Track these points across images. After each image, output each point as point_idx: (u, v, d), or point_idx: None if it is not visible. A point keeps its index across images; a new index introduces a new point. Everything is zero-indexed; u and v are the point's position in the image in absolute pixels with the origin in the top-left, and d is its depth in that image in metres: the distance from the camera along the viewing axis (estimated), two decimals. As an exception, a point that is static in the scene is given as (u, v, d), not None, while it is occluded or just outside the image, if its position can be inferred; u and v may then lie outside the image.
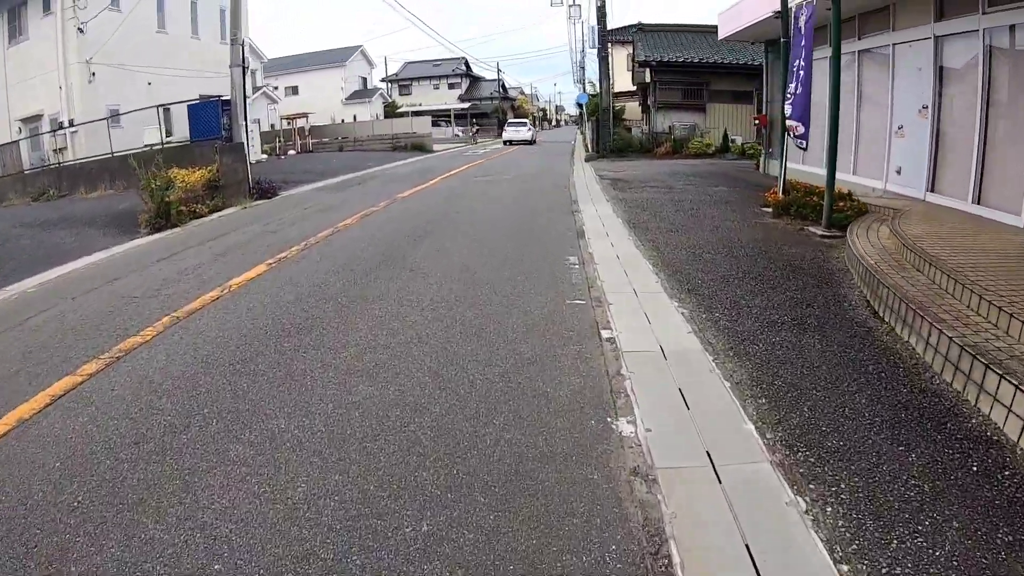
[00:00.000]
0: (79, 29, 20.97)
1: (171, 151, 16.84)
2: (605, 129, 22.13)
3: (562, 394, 3.43)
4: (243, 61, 15.20)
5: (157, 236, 10.13)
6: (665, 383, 3.58)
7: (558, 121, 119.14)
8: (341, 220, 9.67)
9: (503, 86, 76.81)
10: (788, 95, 9.07)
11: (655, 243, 7.28)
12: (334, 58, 50.97)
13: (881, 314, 4.73)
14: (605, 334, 4.32)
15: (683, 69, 23.67)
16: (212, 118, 15.54)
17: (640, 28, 26.70)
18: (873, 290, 5.04)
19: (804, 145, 8.92)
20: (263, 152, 31.31)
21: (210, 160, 14.43)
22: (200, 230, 10.25)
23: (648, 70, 24.19)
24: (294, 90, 51.75)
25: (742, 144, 23.02)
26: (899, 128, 10.35)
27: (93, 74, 21.68)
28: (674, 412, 3.26)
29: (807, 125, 8.79)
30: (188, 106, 16.43)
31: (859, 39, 11.54)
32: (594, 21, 21.70)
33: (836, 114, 8.06)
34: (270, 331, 4.60)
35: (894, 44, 10.43)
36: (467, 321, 4.63)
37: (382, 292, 5.50)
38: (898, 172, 10.39)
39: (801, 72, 8.71)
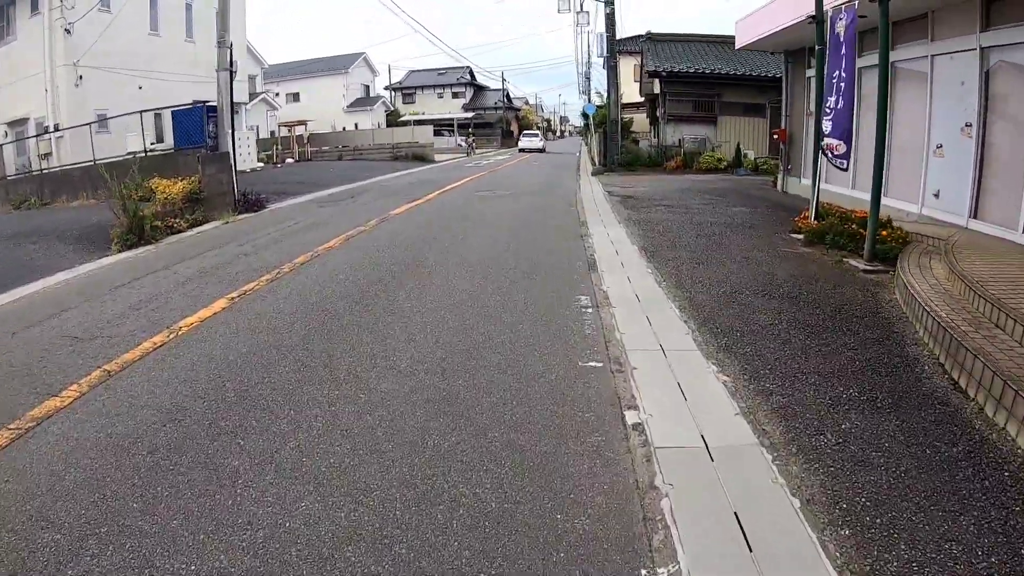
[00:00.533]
0: (66, 30, 20.15)
1: (154, 160, 15.99)
2: (613, 142, 21.23)
3: (578, 527, 2.47)
4: (230, 65, 14.33)
5: (126, 255, 9.33)
6: (715, 502, 2.63)
7: (562, 132, 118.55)
8: (324, 242, 8.74)
9: (508, 96, 76.22)
10: (826, 110, 8.13)
11: (678, 278, 6.33)
12: (336, 65, 50.27)
13: (964, 387, 3.78)
14: (631, 417, 3.36)
15: (694, 80, 22.80)
16: (196, 125, 14.65)
17: (649, 37, 25.86)
18: (950, 353, 4.08)
19: (845, 166, 7.98)
20: (259, 160, 30.50)
21: (194, 170, 13.54)
22: (172, 249, 9.37)
23: (657, 81, 23.31)
24: (295, 97, 51.08)
25: (755, 159, 22.13)
26: (938, 147, 9.45)
27: (80, 77, 20.84)
28: (731, 555, 2.31)
29: (849, 144, 7.86)
30: (172, 112, 15.58)
31: (892, 49, 10.71)
32: (602, 29, 20.86)
33: (883, 131, 7.15)
34: (207, 403, 3.66)
35: (932, 56, 9.58)
36: (453, 396, 3.68)
37: (352, 346, 4.56)
38: (936, 196, 9.48)
39: (842, 84, 7.78)
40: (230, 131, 14.42)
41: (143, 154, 16.57)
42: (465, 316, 5.11)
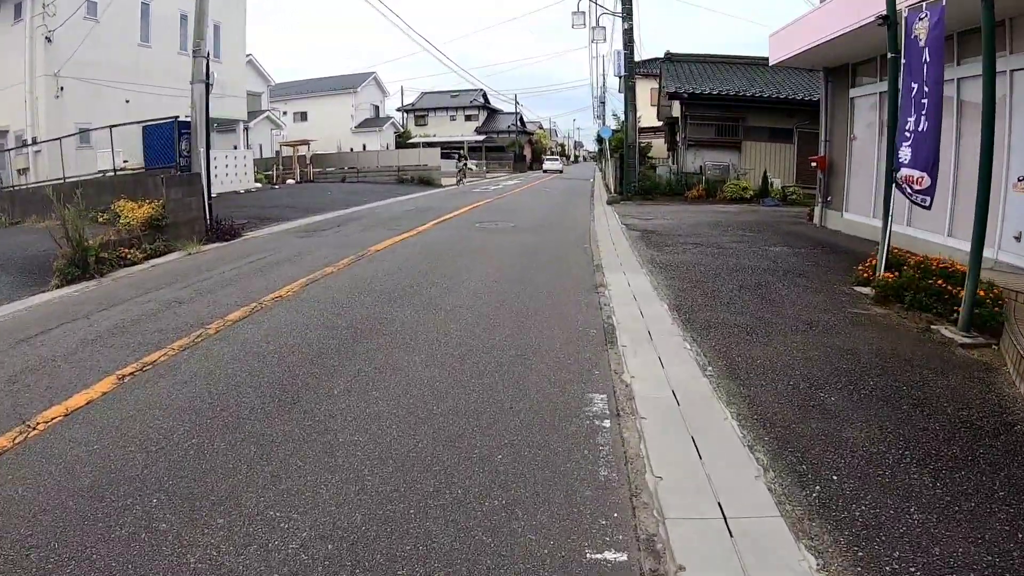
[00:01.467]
0: (46, 38, 18.85)
1: (124, 180, 14.49)
2: (630, 168, 19.59)
3: None
4: (207, 76, 12.83)
5: (61, 293, 8.08)
6: None
7: (576, 157, 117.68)
8: (277, 287, 7.12)
9: (521, 120, 75.22)
10: (906, 134, 6.44)
11: (728, 359, 4.61)
12: (345, 84, 49.23)
13: None
14: None
15: (717, 103, 21.20)
16: (167, 143, 13.14)
17: (668, 58, 24.34)
18: None
19: (928, 203, 6.26)
20: (257, 181, 29.19)
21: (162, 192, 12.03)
22: (110, 288, 7.99)
23: (677, 103, 21.73)
24: (303, 116, 50.05)
25: (782, 188, 20.43)
26: (1020, 180, 7.77)
27: (62, 88, 19.53)
28: None
29: (934, 177, 6.13)
30: (143, 128, 14.07)
31: (958, 64, 9.17)
32: (619, 46, 19.27)
33: (988, 158, 5.44)
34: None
35: (1012, 71, 7.96)
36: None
37: (242, 485, 2.87)
38: (1017, 239, 7.77)
39: (924, 100, 6.08)
40: (204, 149, 12.87)
41: (112, 173, 15.12)
42: (418, 437, 3.40)
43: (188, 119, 12.98)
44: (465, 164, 34.67)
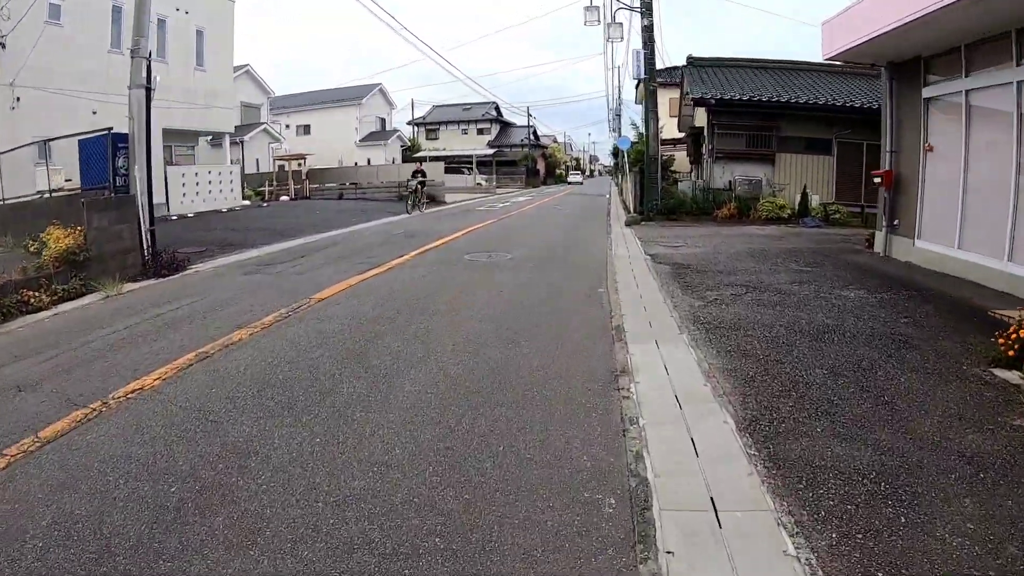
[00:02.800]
0: (0, 44, 16.89)
1: (59, 202, 12.41)
2: (651, 184, 17.22)
3: None
4: (148, 81, 10.72)
5: None
6: None
7: (592, 171, 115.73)
8: (146, 371, 4.86)
9: (535, 133, 73.27)
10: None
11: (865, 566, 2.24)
12: (349, 96, 47.45)
13: None
14: None
15: (747, 110, 18.86)
16: (103, 159, 11.02)
17: (691, 62, 22.05)
18: None
19: None
20: (245, 198, 27.24)
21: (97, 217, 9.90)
22: None
23: (703, 111, 19.41)
24: (305, 129, 48.34)
25: (823, 206, 18.01)
26: None
27: (18, 99, 17.56)
28: None
29: None
30: (79, 142, 11.97)
31: (1018, 64, 7.45)
32: (638, 45, 16.96)
33: None
34: None
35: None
36: None
37: None
38: None
39: None
40: (145, 166, 10.73)
41: (48, 194, 13.06)
42: None
43: (127, 132, 10.88)
44: (421, 182, 23.23)
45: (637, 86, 45.12)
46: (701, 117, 21.85)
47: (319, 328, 6.05)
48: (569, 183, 71.47)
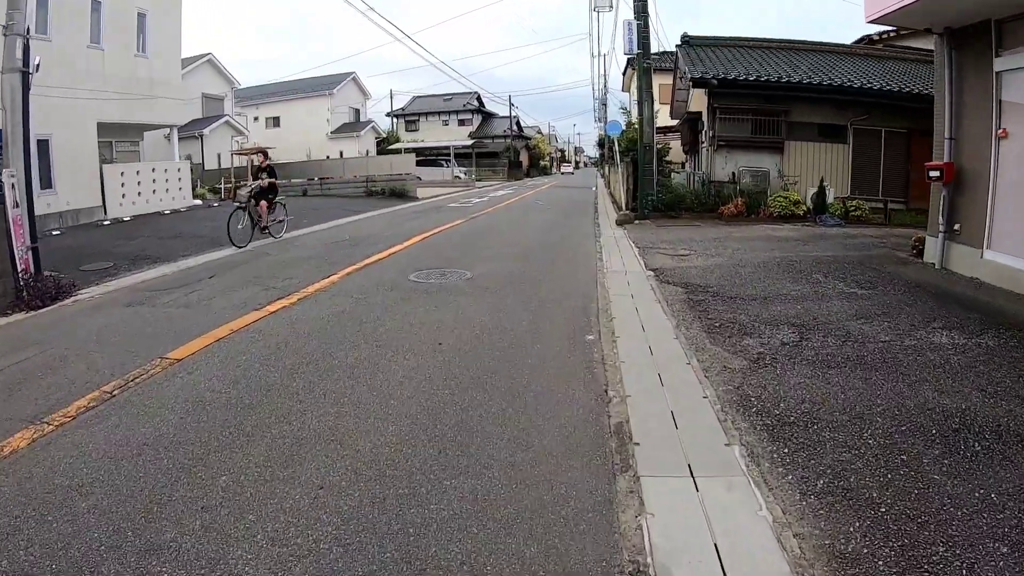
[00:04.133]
0: None
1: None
2: (646, 176, 14.81)
3: None
4: (24, 63, 8.24)
5: None
6: None
7: (577, 163, 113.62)
8: None
9: (518, 124, 70.77)
10: None
11: None
12: (320, 86, 44.61)
13: None
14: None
15: (753, 91, 16.53)
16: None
17: (686, 41, 19.64)
18: None
19: None
20: (197, 197, 24.70)
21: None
22: None
23: (700, 96, 17.04)
24: (275, 121, 45.52)
25: (841, 201, 15.74)
26: None
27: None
28: None
29: None
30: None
31: None
32: (630, 15, 14.44)
33: None
34: None
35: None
36: None
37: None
38: None
39: None
40: (23, 168, 8.21)
41: None
42: None
43: None
44: (260, 190, 12.62)
45: (624, 71, 42.67)
46: (698, 101, 19.52)
47: (131, 433, 3.62)
48: (562, 174, 76.08)
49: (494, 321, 5.72)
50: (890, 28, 24.05)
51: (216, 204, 23.43)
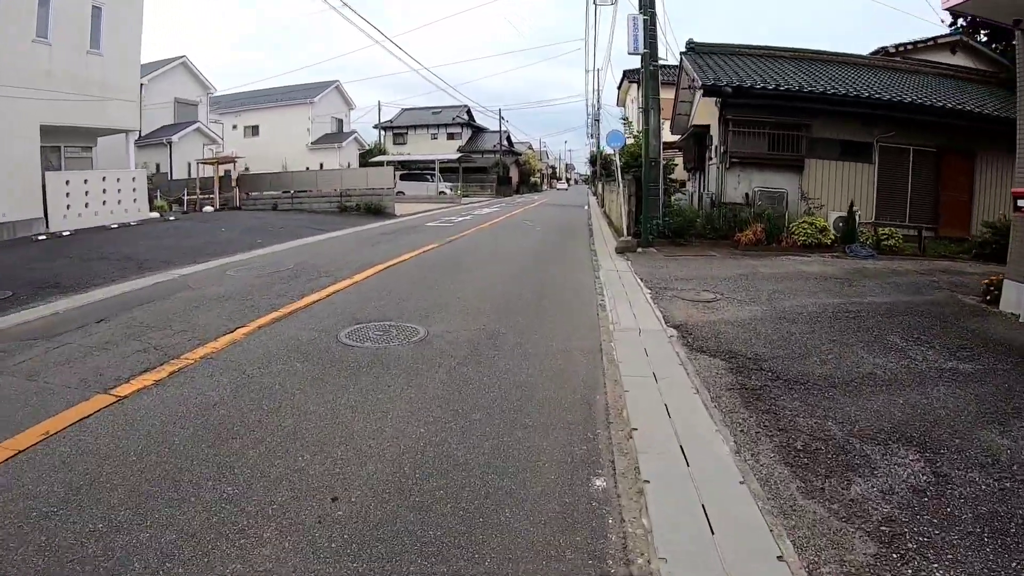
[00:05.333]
0: None
1: None
2: (651, 197, 12.69)
3: None
4: None
5: None
6: None
7: (568, 180, 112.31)
8: None
9: (508, 139, 69.00)
10: None
11: None
12: (301, 94, 42.53)
13: None
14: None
15: (773, 103, 14.55)
16: None
17: (691, 48, 17.71)
18: None
19: None
20: (154, 210, 22.53)
21: None
22: None
23: (714, 104, 15.03)
24: (254, 130, 43.38)
25: (872, 228, 13.76)
26: None
27: None
28: None
29: None
30: None
31: None
32: (634, 8, 12.37)
33: None
34: None
35: None
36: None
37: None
38: None
39: None
40: None
41: None
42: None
43: None
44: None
45: (620, 84, 40.72)
46: (705, 113, 17.55)
47: None
48: (556, 190, 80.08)
49: (437, 440, 3.52)
50: (908, 41, 22.54)
51: (173, 218, 21.20)
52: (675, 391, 4.27)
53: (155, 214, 21.89)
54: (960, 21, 32.19)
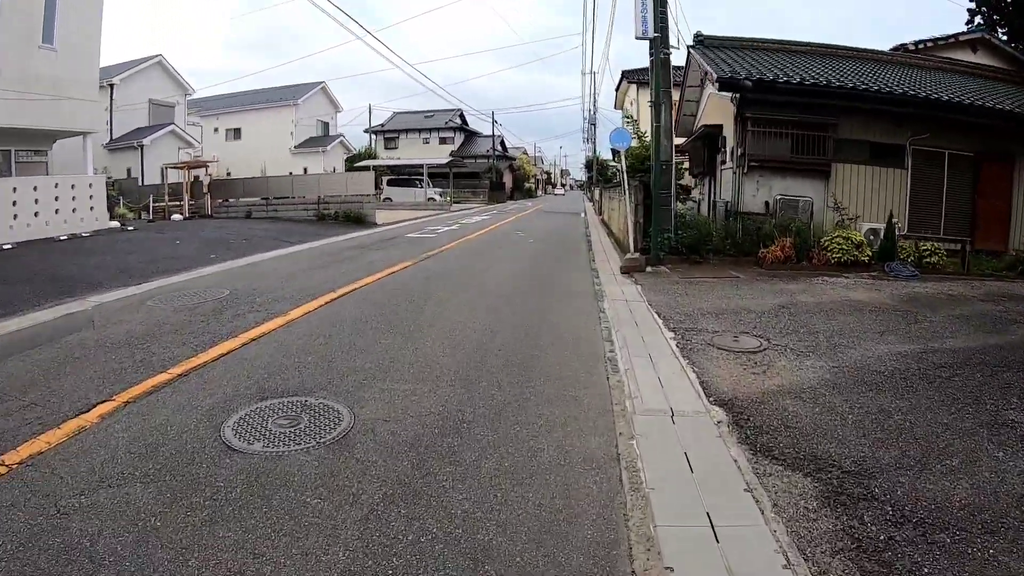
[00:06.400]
0: None
1: None
2: (662, 207, 10.84)
3: None
4: None
5: None
6: None
7: (563, 185, 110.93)
8: None
9: (502, 143, 67.44)
10: None
11: None
12: (285, 96, 40.70)
13: None
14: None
15: (795, 99, 12.79)
16: None
17: (699, 41, 15.97)
18: None
19: None
20: (115, 218, 20.74)
21: None
22: None
23: (730, 100, 13.24)
24: (236, 133, 41.55)
25: (914, 244, 12.00)
26: None
27: None
28: None
29: None
30: None
31: None
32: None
33: None
34: None
35: None
36: None
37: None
38: None
39: None
40: None
41: None
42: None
43: None
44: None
45: (618, 86, 38.83)
46: (716, 112, 15.81)
47: None
48: (555, 195, 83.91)
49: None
50: (927, 38, 20.91)
51: (132, 228, 19.34)
52: (751, 558, 2.45)
53: (115, 223, 20.05)
54: (977, 19, 30.59)
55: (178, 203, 24.64)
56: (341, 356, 5.30)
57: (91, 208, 19.47)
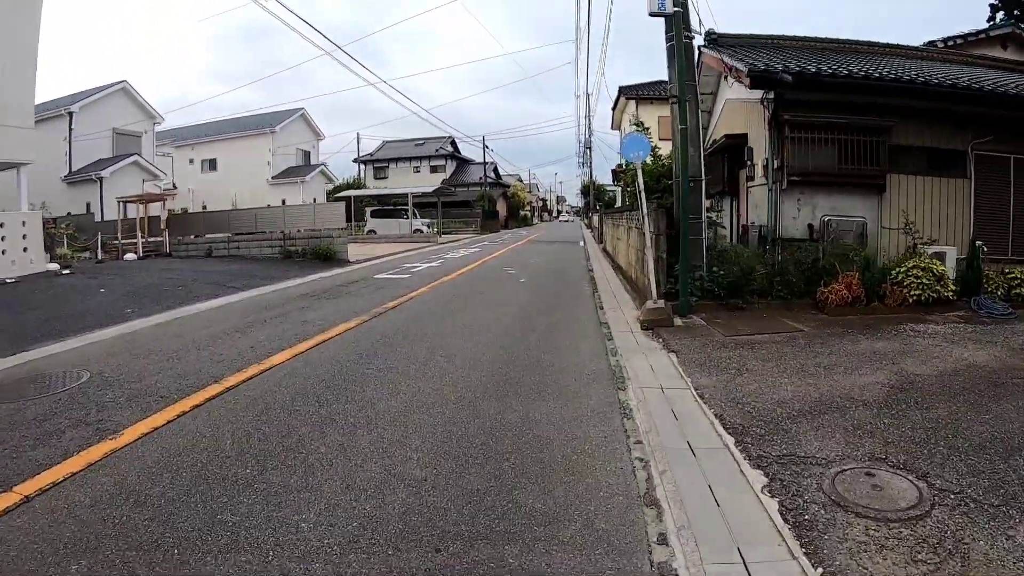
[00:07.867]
0: None
1: None
2: (693, 237, 8.17)
3: None
4: None
5: None
6: None
7: (559, 212, 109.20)
8: None
9: (495, 171, 65.43)
10: None
11: None
12: (262, 124, 38.38)
13: None
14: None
15: (841, 98, 10.36)
16: None
17: (712, 40, 13.53)
18: None
19: None
20: (56, 259, 18.39)
21: None
22: None
23: (761, 103, 10.78)
24: (211, 164, 39.23)
25: (1001, 274, 9.50)
26: None
27: None
28: None
29: None
30: None
31: None
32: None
33: None
34: None
35: None
36: None
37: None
38: None
39: None
40: None
41: None
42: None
43: None
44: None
45: (615, 104, 36.52)
46: (737, 119, 13.36)
47: None
48: (560, 222, 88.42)
49: None
50: (955, 34, 18.89)
51: (68, 272, 16.84)
52: None
53: (54, 265, 17.64)
54: (1000, 15, 28.42)
55: (133, 241, 22.23)
56: (208, 508, 2.67)
57: (24, 249, 17.13)
